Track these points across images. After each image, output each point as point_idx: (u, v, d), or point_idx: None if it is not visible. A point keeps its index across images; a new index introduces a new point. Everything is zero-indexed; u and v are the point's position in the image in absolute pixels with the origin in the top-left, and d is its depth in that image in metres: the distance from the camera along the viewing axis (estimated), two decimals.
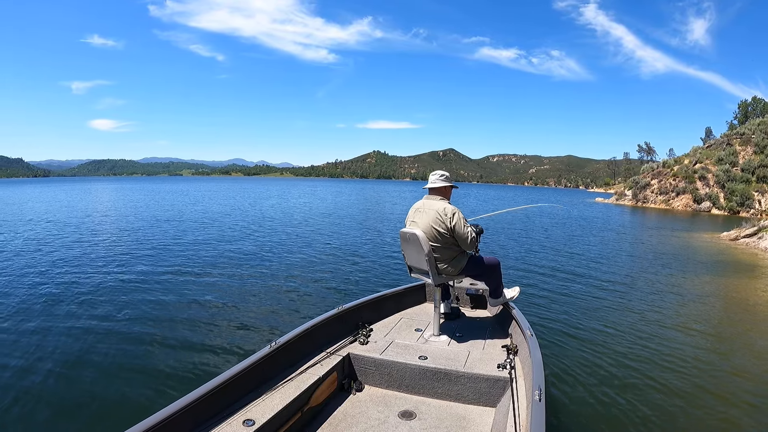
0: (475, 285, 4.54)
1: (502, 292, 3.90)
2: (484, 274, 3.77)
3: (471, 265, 3.63)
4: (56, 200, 31.97)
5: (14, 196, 39.63)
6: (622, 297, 7.42)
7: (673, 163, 42.21)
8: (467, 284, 4.58)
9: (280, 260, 9.57)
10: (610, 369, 4.51)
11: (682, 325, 5.94)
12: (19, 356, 4.40)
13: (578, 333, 5.54)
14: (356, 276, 8.23)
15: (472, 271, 3.68)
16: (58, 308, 5.90)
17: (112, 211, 22.89)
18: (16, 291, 6.75)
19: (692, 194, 36.86)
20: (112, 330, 5.12)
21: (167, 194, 42.90)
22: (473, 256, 3.69)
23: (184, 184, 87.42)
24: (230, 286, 7.17)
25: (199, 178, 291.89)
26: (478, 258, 3.72)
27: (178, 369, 4.15)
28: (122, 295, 6.50)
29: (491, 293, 3.92)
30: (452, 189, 3.72)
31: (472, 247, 3.59)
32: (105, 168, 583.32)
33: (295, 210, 24.82)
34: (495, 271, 3.78)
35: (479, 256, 3.74)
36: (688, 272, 9.57)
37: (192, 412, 2.14)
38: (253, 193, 46.98)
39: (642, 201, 40.58)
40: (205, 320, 5.48)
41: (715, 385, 4.23)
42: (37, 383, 3.86)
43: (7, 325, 5.28)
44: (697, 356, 4.90)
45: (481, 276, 3.81)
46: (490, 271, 3.75)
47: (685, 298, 7.43)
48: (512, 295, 3.98)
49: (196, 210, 23.50)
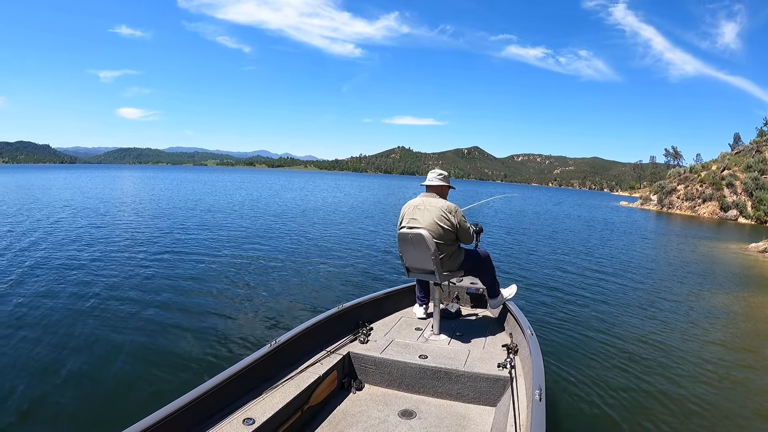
0: (475, 284, 4.53)
1: (500, 291, 3.91)
2: (480, 267, 3.78)
3: (467, 260, 3.67)
4: (90, 187, 32.81)
5: (43, 181, 40.72)
6: (628, 299, 7.35)
7: (700, 169, 41.06)
8: (467, 283, 4.58)
9: (288, 254, 9.59)
10: (611, 369, 4.51)
11: (691, 333, 5.84)
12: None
13: (579, 333, 5.53)
14: (374, 270, 8.25)
15: (469, 265, 3.70)
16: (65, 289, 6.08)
17: (129, 199, 23.38)
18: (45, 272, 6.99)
19: (719, 201, 35.78)
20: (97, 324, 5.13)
21: (186, 183, 43.64)
22: (468, 250, 3.73)
23: (207, 174, 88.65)
24: (232, 283, 7.11)
25: (224, 168, 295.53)
26: (473, 251, 3.78)
27: (175, 368, 4.10)
28: (112, 290, 6.47)
29: (489, 291, 3.92)
30: (449, 190, 3.75)
31: (472, 243, 3.67)
32: (131, 156, 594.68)
33: (315, 204, 24.92)
34: (488, 262, 3.81)
35: (473, 250, 3.80)
36: (708, 282, 9.32)
37: (192, 410, 2.14)
38: (274, 186, 47.38)
39: (667, 206, 39.61)
40: (204, 318, 5.44)
41: (716, 393, 4.18)
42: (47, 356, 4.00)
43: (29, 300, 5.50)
44: (703, 364, 4.83)
45: (478, 270, 3.81)
46: (484, 262, 3.78)
47: (699, 306, 7.24)
48: (510, 294, 4.00)
49: (211, 200, 23.81)
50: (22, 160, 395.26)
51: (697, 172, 40.69)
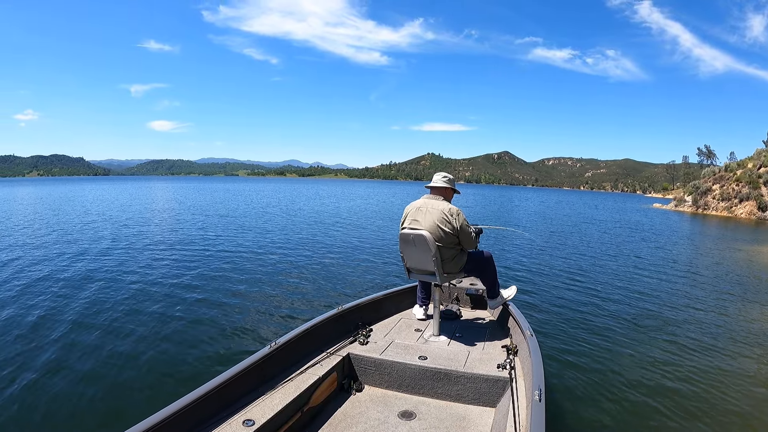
0: (475, 285, 4.52)
1: (499, 292, 3.90)
2: (481, 268, 3.78)
3: (469, 261, 3.67)
4: (134, 198, 33.89)
5: (88, 193, 42.34)
6: (632, 301, 7.30)
7: (736, 167, 39.43)
8: (467, 284, 4.57)
9: (298, 261, 9.66)
10: (611, 370, 4.51)
11: (692, 334, 5.77)
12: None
13: (579, 333, 5.52)
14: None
15: (471, 265, 3.70)
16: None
17: (148, 209, 24.05)
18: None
19: (756, 201, 34.31)
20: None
21: (220, 193, 44.59)
22: (470, 252, 3.73)
23: (236, 184, 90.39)
24: (234, 286, 7.20)
25: (255, 178, 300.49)
26: (475, 252, 3.78)
27: (176, 368, 4.19)
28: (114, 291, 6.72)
29: (489, 292, 3.91)
30: (453, 193, 3.77)
31: (473, 246, 3.67)
32: (163, 168, 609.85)
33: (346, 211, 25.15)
34: (490, 264, 3.80)
35: (476, 252, 3.80)
36: (739, 289, 8.96)
37: (192, 412, 2.16)
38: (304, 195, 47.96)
39: (703, 207, 38.25)
40: (205, 319, 5.52)
41: (716, 393, 4.13)
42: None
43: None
44: (703, 365, 4.79)
45: (479, 271, 3.81)
46: (486, 264, 3.78)
47: (707, 308, 6.97)
48: (510, 294, 3.98)
49: (240, 208, 24.27)
50: (56, 172, 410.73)
51: (732, 170, 39.12)
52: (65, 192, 44.22)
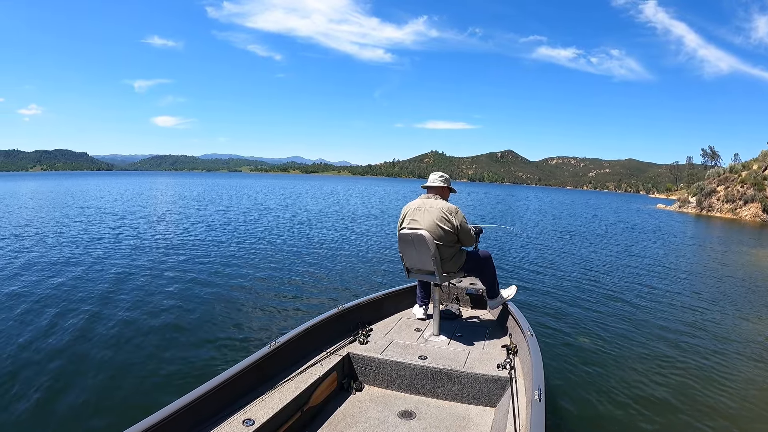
0: (474, 285, 4.52)
1: (499, 291, 3.90)
2: (480, 268, 3.78)
3: (468, 260, 3.67)
4: (138, 194, 33.98)
5: (93, 188, 42.56)
6: (633, 302, 7.31)
7: (740, 169, 39.23)
8: (467, 284, 4.57)
9: (291, 260, 9.68)
10: (612, 370, 4.51)
11: (692, 335, 5.79)
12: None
13: (579, 334, 5.53)
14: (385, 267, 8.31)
15: (470, 265, 3.70)
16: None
17: (149, 206, 24.06)
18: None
19: (761, 203, 34.15)
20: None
21: (223, 189, 44.71)
22: (469, 251, 3.73)
23: (239, 180, 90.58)
24: (234, 284, 7.21)
25: (258, 174, 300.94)
26: (474, 252, 3.78)
27: (175, 368, 4.18)
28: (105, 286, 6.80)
29: (488, 292, 3.91)
30: (450, 192, 3.77)
31: (473, 244, 3.69)
32: (167, 163, 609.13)
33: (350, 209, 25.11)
34: (489, 263, 3.80)
35: (474, 251, 3.81)
36: (742, 292, 8.93)
37: (192, 411, 2.16)
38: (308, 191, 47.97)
39: (707, 209, 38.03)
40: (204, 319, 5.52)
41: (715, 394, 4.14)
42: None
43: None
44: (703, 365, 4.80)
45: (478, 271, 3.81)
46: (485, 263, 3.78)
47: (705, 310, 6.97)
48: (509, 294, 3.98)
49: (239, 204, 24.36)
50: (60, 167, 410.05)
51: (737, 172, 38.92)
52: (69, 186, 44.55)
